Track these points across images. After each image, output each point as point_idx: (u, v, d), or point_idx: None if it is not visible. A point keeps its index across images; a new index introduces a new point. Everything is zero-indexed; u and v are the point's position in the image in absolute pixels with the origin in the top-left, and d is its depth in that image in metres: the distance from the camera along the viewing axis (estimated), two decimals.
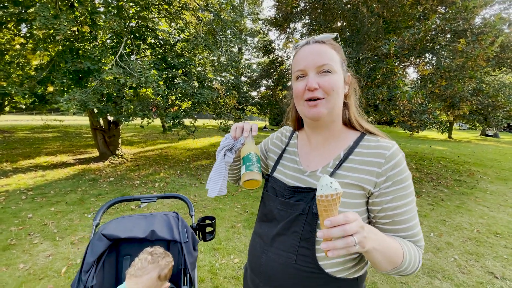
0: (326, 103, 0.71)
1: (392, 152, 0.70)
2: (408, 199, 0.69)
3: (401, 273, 0.67)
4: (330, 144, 0.80)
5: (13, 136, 12.53)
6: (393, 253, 0.63)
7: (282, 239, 0.77)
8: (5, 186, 4.79)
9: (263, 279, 0.80)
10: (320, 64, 0.70)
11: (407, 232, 0.69)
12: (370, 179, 0.70)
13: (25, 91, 5.05)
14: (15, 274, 2.37)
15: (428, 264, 2.74)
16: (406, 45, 5.41)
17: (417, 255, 0.68)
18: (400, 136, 19.46)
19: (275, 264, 0.77)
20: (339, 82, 0.72)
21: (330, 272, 0.73)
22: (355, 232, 0.52)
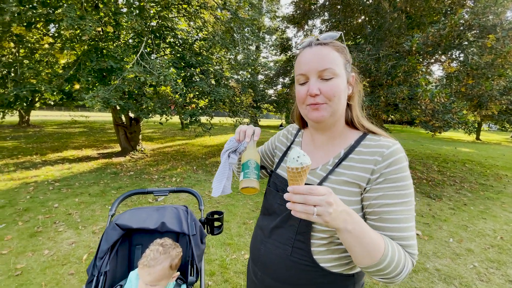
0: (328, 107, 0.72)
1: (391, 150, 0.69)
2: (401, 200, 0.67)
3: (381, 274, 0.62)
4: (333, 144, 0.81)
5: (43, 130, 13.36)
6: (371, 244, 0.60)
7: (280, 231, 0.80)
8: (35, 177, 5.14)
9: (261, 268, 0.84)
10: (322, 69, 0.69)
11: (396, 233, 0.66)
12: (364, 175, 0.70)
13: (53, 88, 5.37)
14: (40, 259, 2.55)
15: (445, 270, 2.64)
16: (430, 41, 5.17)
17: (402, 259, 0.63)
18: (422, 136, 18.66)
19: (272, 255, 0.80)
20: (340, 86, 0.71)
21: (325, 266, 0.74)
22: (317, 204, 0.55)
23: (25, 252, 2.65)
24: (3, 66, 5.05)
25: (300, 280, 0.76)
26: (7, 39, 5.16)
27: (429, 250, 3.04)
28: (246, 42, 7.07)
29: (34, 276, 2.30)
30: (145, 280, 1.07)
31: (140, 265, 1.09)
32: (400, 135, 19.31)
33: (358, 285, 0.79)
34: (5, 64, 5.18)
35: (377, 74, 6.00)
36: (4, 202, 3.87)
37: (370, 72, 6.22)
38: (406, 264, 0.64)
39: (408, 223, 0.67)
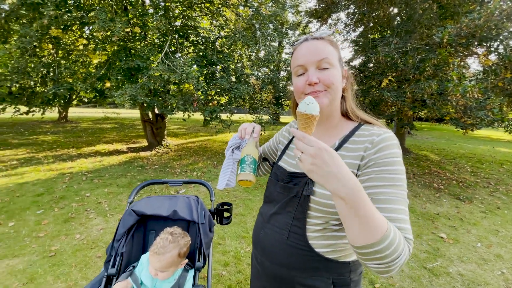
0: (327, 94, 0.74)
1: (381, 137, 0.71)
2: (391, 183, 0.66)
3: (378, 258, 0.56)
4: (329, 135, 0.83)
5: (79, 126, 14.40)
6: (371, 220, 0.55)
7: (278, 217, 0.84)
8: (70, 168, 5.59)
9: (261, 252, 0.89)
10: (320, 58, 0.73)
11: (388, 213, 0.63)
12: (355, 162, 0.73)
13: (87, 87, 5.79)
14: (72, 243, 2.80)
15: (469, 276, 2.49)
16: (464, 32, 4.82)
17: (402, 243, 0.58)
18: (456, 135, 17.43)
19: (270, 238, 0.85)
20: (337, 76, 0.75)
21: (320, 252, 0.76)
22: (303, 150, 0.58)
23: (59, 235, 2.92)
24: (43, 66, 5.55)
25: (296, 264, 0.79)
26: (46, 41, 5.63)
27: (453, 254, 2.89)
28: (267, 38, 7.07)
29: (66, 257, 2.54)
30: (155, 266, 1.15)
31: (151, 252, 1.16)
32: (431, 134, 18.20)
33: (355, 274, 0.80)
34: (44, 64, 5.67)
35: (404, 68, 5.71)
36: (43, 190, 4.27)
37: (396, 66, 5.93)
38: (404, 249, 0.58)
39: (400, 205, 0.64)
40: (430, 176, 6.16)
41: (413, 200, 4.55)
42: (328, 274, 0.77)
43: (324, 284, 0.77)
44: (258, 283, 0.93)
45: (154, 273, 1.14)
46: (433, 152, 9.77)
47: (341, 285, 0.78)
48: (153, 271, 1.15)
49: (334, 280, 0.77)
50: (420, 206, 4.31)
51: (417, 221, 3.73)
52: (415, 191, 5.04)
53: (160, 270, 1.15)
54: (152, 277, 1.16)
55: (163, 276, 1.16)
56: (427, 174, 6.39)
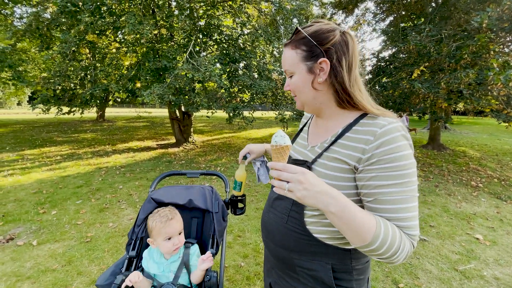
0: (297, 99, 0.85)
1: (384, 130, 0.67)
2: (396, 181, 0.65)
3: (376, 254, 0.63)
4: (332, 124, 0.83)
5: (114, 124, 15.43)
6: (360, 226, 0.61)
7: (279, 202, 0.87)
8: (106, 163, 6.04)
9: (265, 234, 0.93)
10: (284, 69, 0.83)
11: (392, 214, 0.65)
12: (355, 155, 0.70)
13: (120, 87, 6.19)
14: (105, 230, 3.05)
15: (506, 280, 2.29)
16: (507, 15, 4.37)
17: (397, 239, 0.62)
18: (500, 130, 15.84)
19: (272, 222, 0.89)
20: (298, 81, 0.79)
21: (318, 237, 0.77)
22: (289, 180, 0.62)
23: (95, 224, 3.19)
24: (81, 69, 6.04)
25: (294, 247, 0.81)
26: (83, 46, 6.11)
27: (489, 257, 2.67)
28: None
29: (100, 243, 2.77)
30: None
31: (162, 223, 1.20)
32: (471, 128, 16.73)
33: (358, 262, 0.79)
34: (82, 67, 6.17)
35: (438, 57, 5.32)
36: (82, 182, 4.67)
37: (429, 55, 5.56)
38: (402, 245, 0.63)
39: (407, 204, 0.65)
40: (468, 174, 5.70)
41: (447, 199, 4.26)
42: (327, 259, 0.78)
43: (322, 268, 0.78)
44: (268, 264, 0.99)
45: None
46: (473, 148, 9.01)
47: (341, 271, 0.78)
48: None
49: (334, 266, 0.77)
50: (454, 205, 4.02)
51: (450, 220, 3.49)
52: (449, 189, 4.70)
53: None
54: (159, 264, 1.22)
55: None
56: (465, 171, 5.92)
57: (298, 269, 0.82)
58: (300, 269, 0.82)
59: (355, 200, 0.72)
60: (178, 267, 1.24)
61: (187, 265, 1.24)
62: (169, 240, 1.21)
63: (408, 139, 0.68)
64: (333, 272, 0.78)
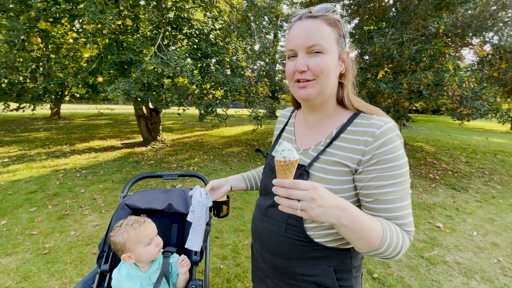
0: (315, 84, 0.69)
1: (382, 130, 0.66)
2: (395, 180, 0.65)
3: (380, 256, 0.65)
4: (325, 124, 0.79)
5: (72, 122, 14.18)
6: (369, 233, 0.61)
7: (274, 210, 0.81)
8: (64, 165, 5.50)
9: (260, 244, 0.87)
10: (310, 44, 0.66)
11: (392, 213, 0.66)
12: (355, 157, 0.68)
13: (78, 81, 5.65)
14: (66, 240, 2.75)
15: (466, 264, 2.52)
16: (460, 22, 4.80)
17: (400, 239, 0.65)
18: (451, 126, 17.61)
19: (268, 231, 0.83)
20: (329, 63, 0.68)
21: (320, 241, 0.75)
22: (301, 199, 0.56)
23: (53, 233, 2.86)
24: (32, 61, 5.39)
25: (296, 255, 0.78)
26: (35, 34, 5.46)
27: (450, 243, 2.91)
28: (262, 31, 6.96)
29: (60, 254, 2.49)
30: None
31: (135, 229, 1.08)
32: (426, 125, 18.33)
33: (356, 259, 0.80)
34: (34, 59, 5.51)
35: (400, 59, 5.68)
36: (36, 187, 4.19)
37: (392, 57, 5.91)
38: (404, 243, 0.65)
39: (404, 202, 0.67)
40: (426, 167, 6.20)
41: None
42: (329, 262, 0.76)
43: (325, 272, 0.76)
44: (260, 273, 0.93)
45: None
46: (428, 144, 9.85)
47: (342, 271, 0.77)
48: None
49: (335, 268, 0.77)
50: (416, 196, 4.34)
51: (414, 211, 3.75)
52: (411, 182, 5.05)
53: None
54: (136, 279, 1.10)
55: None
56: (423, 165, 6.43)
57: (299, 277, 0.79)
58: (301, 276, 0.79)
59: (353, 202, 0.71)
60: (157, 279, 1.13)
61: (167, 276, 1.14)
62: (150, 243, 1.11)
63: (401, 138, 0.69)
64: (334, 274, 0.77)
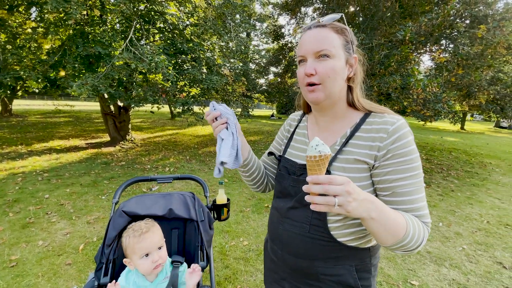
0: (322, 88, 0.74)
1: (395, 126, 0.71)
2: (411, 173, 0.69)
3: (404, 248, 0.66)
4: (337, 124, 0.82)
5: (26, 120, 12.83)
6: (394, 225, 0.63)
7: (296, 211, 0.82)
8: (21, 168, 4.96)
9: (281, 247, 0.87)
10: (317, 50, 0.72)
11: (409, 205, 0.69)
12: (371, 153, 0.72)
13: (38, 75, 5.12)
14: (34, 251, 2.49)
15: (435, 253, 2.76)
16: (423, 31, 5.21)
17: (421, 231, 0.67)
18: (410, 126, 19.08)
19: (291, 233, 0.83)
20: (336, 67, 0.73)
21: (342, 241, 0.77)
22: (338, 194, 0.55)
23: (19, 243, 2.58)
24: None
25: (319, 255, 0.79)
26: None
27: None
28: (237, 29, 6.91)
29: (30, 267, 2.25)
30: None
31: (136, 237, 1.03)
32: None
33: (375, 258, 0.83)
34: None
35: (370, 63, 6.02)
36: None
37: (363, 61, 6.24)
38: (424, 235, 0.68)
39: (420, 194, 0.70)
40: None
41: None
42: (350, 261, 0.79)
43: (347, 271, 0.78)
44: (276, 276, 0.92)
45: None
46: None
47: (363, 270, 0.80)
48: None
49: (357, 267, 0.79)
50: None
51: None
52: None
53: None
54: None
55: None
56: None
57: (321, 277, 0.80)
58: (323, 276, 0.80)
59: None
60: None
61: (175, 286, 1.09)
62: (146, 257, 1.05)
63: (412, 134, 0.74)
64: (356, 273, 0.79)
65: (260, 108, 52.02)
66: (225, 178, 5.00)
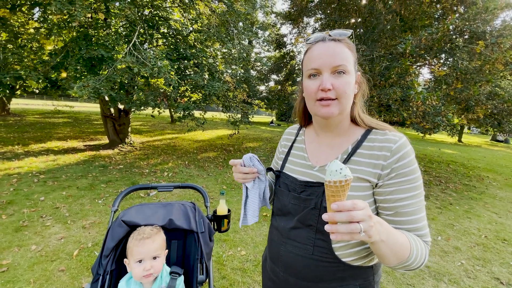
0: (338, 104, 0.72)
1: (398, 145, 0.70)
2: (414, 193, 0.69)
3: (406, 268, 0.67)
4: (339, 140, 0.82)
5: (24, 119, 12.76)
6: (400, 247, 0.63)
7: (298, 232, 0.80)
8: (17, 169, 4.90)
9: (283, 268, 0.84)
10: (336, 65, 0.70)
11: (412, 225, 0.69)
12: (375, 172, 0.71)
13: (38, 76, 5.11)
14: (27, 255, 2.44)
15: (434, 267, 2.73)
16: (423, 44, 5.28)
17: (423, 250, 0.67)
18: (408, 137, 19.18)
19: (293, 255, 0.81)
20: (351, 83, 0.73)
21: (347, 261, 0.76)
22: (362, 220, 0.52)
23: (11, 247, 2.52)
24: None
25: (323, 277, 0.77)
26: None
27: None
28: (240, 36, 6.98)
29: (21, 272, 2.20)
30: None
31: (137, 240, 1.05)
32: None
33: (377, 276, 0.83)
34: None
35: (371, 74, 6.08)
36: None
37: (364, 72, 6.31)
38: (426, 253, 0.68)
39: (421, 213, 0.70)
40: None
41: None
42: (355, 281, 0.78)
43: None
44: None
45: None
46: None
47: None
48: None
49: (361, 286, 0.78)
50: None
51: None
52: None
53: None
54: None
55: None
56: None
57: None
58: None
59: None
60: None
61: None
62: (140, 263, 1.03)
63: (414, 152, 0.73)
64: None
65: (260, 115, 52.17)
66: (224, 185, 4.97)
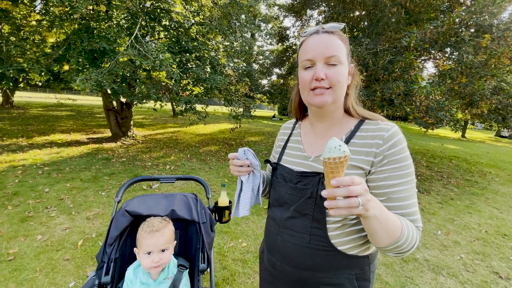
0: (331, 92, 0.74)
1: (390, 133, 0.73)
2: (405, 179, 0.71)
3: (398, 250, 0.67)
4: (333, 131, 0.83)
5: (27, 112, 12.84)
6: (392, 225, 0.64)
7: (295, 221, 0.82)
8: (22, 161, 4.96)
9: (280, 258, 0.86)
10: (329, 55, 0.72)
11: (404, 210, 0.71)
12: (368, 159, 0.73)
13: (41, 69, 5.12)
14: (33, 245, 2.49)
15: (433, 261, 2.76)
16: (428, 38, 5.21)
17: (415, 233, 0.69)
18: (411, 132, 19.12)
19: (290, 244, 0.82)
20: (344, 74, 0.75)
21: (343, 249, 0.77)
22: (360, 194, 0.54)
23: (17, 237, 2.58)
24: None
25: (320, 266, 0.79)
26: None
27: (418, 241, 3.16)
28: (242, 29, 6.92)
29: (27, 261, 2.25)
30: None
31: (145, 233, 1.08)
32: None
33: (373, 266, 0.84)
34: None
35: (374, 68, 6.02)
36: None
37: (367, 66, 6.23)
38: (416, 237, 0.70)
39: (413, 199, 0.72)
40: None
41: None
42: (351, 270, 0.79)
43: (348, 281, 0.79)
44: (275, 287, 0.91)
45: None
46: None
47: (362, 278, 0.81)
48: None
49: (357, 275, 0.80)
50: None
51: None
52: None
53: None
54: (146, 286, 1.07)
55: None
56: None
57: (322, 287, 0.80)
58: (324, 286, 0.80)
59: None
60: None
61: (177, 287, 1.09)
62: (149, 255, 1.06)
63: (406, 140, 0.75)
64: (356, 281, 0.80)
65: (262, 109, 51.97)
66: (226, 178, 5.00)
